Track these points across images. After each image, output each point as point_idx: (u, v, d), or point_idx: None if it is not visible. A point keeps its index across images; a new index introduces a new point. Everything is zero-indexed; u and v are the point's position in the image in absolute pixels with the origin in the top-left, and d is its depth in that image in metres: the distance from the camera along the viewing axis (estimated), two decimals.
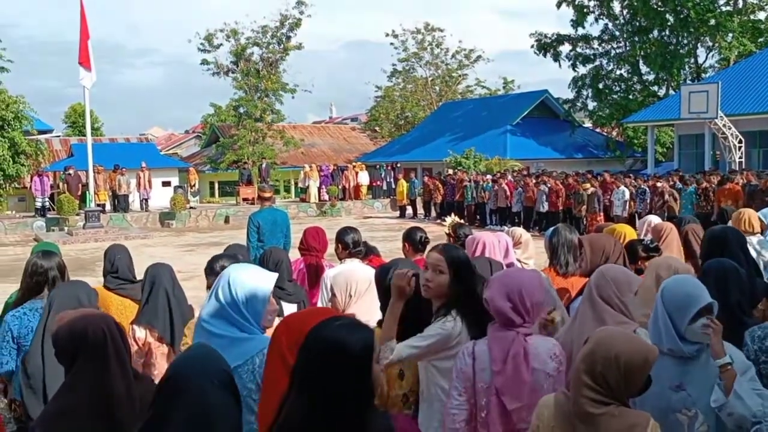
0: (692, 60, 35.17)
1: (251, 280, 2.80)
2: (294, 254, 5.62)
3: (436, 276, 3.02)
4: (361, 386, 1.92)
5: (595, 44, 36.92)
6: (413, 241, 5.03)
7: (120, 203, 26.35)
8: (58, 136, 36.66)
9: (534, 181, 21.50)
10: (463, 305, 2.99)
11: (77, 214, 23.68)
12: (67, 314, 2.77)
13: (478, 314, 2.93)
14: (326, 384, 1.89)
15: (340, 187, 30.23)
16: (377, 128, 46.60)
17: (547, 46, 37.22)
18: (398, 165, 32.26)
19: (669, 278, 3.05)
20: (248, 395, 2.58)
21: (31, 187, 25.80)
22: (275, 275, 2.90)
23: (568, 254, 4.38)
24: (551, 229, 4.68)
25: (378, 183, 31.45)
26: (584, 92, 37.26)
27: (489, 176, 24.00)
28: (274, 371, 2.34)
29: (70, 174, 25.98)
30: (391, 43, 45.45)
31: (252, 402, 2.62)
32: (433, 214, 25.66)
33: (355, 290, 4.28)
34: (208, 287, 3.74)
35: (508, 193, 21.75)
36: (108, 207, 26.39)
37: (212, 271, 3.99)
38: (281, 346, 2.33)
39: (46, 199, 25.36)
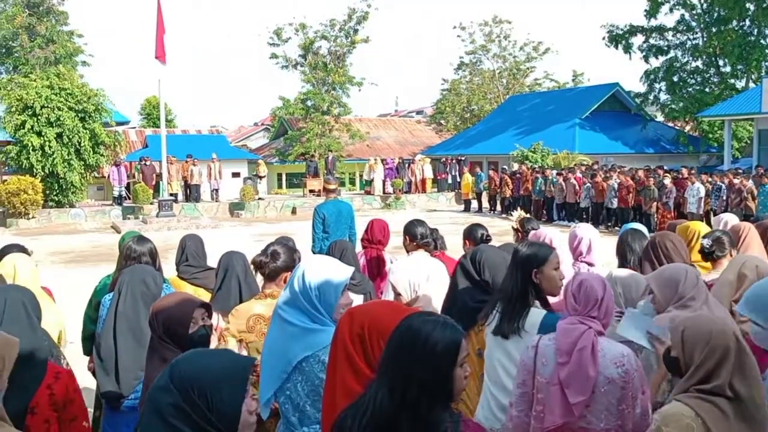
0: None
1: (326, 271, 2.81)
2: (358, 246, 5.68)
3: None
4: (440, 384, 1.92)
5: (669, 35, 35.66)
6: (475, 238, 4.97)
7: (191, 193, 27.15)
8: (134, 128, 37.98)
9: (603, 176, 21.02)
10: None
11: (151, 203, 24.60)
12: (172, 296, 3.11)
13: None
14: (407, 376, 1.90)
15: (405, 180, 30.28)
16: (443, 121, 46.34)
17: (618, 37, 36.13)
18: (464, 158, 31.99)
19: (756, 283, 3.00)
20: (320, 385, 2.61)
21: (109, 176, 26.93)
22: (351, 268, 2.89)
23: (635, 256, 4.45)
24: (621, 232, 4.80)
25: (443, 176, 31.35)
26: (657, 85, 36.03)
27: (555, 171, 23.58)
28: (335, 361, 2.36)
29: (145, 164, 26.96)
30: (458, 36, 45.23)
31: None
32: (499, 208, 25.44)
33: (412, 283, 4.34)
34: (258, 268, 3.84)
35: (577, 188, 21.35)
36: (180, 197, 27.22)
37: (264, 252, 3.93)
38: (344, 337, 2.34)
39: (123, 188, 26.42)
